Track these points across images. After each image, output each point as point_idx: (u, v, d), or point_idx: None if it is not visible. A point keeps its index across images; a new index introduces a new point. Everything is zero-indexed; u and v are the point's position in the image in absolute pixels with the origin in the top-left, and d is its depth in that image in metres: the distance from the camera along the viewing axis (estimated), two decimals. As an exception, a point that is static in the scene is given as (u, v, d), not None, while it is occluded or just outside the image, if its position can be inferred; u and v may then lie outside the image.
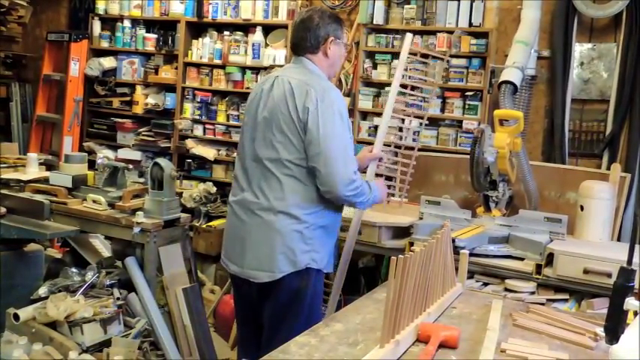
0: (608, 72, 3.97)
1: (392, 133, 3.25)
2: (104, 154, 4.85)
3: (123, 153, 5.47)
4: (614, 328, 1.60)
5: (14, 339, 2.94)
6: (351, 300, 2.31)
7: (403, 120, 3.30)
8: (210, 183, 4.91)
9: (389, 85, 4.43)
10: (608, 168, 3.67)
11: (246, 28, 5.11)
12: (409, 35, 3.26)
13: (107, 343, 2.98)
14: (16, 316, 2.98)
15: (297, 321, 2.47)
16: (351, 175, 2.43)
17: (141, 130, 5.51)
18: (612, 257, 2.77)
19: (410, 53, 3.22)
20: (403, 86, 3.23)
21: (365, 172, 2.96)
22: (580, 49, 4.05)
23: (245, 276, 2.54)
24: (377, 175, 3.05)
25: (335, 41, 2.61)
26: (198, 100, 5.23)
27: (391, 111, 3.11)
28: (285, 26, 4.87)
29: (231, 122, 5.08)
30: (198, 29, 5.36)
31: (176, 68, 5.34)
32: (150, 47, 5.48)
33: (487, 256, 3.06)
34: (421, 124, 3.38)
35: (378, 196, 2.64)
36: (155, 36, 5.44)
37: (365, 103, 4.54)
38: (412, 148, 3.24)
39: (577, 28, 4.01)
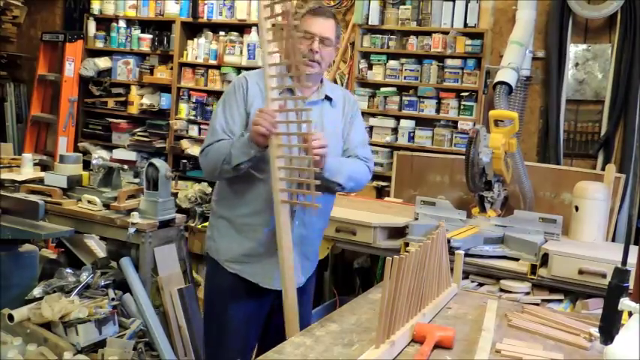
0: (603, 73, 3.98)
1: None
2: (99, 155, 4.83)
3: (118, 153, 5.46)
4: (609, 328, 1.60)
5: (9, 339, 2.93)
6: (347, 300, 2.30)
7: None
8: (206, 183, 4.90)
9: (385, 85, 4.48)
10: (603, 169, 3.68)
11: (242, 28, 5.10)
12: None
13: (102, 344, 2.97)
14: (11, 317, 2.97)
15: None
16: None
17: (136, 130, 5.50)
18: (607, 258, 2.78)
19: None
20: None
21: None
22: (575, 50, 4.06)
23: None
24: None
25: None
26: (194, 100, 5.22)
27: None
28: (281, 27, 4.85)
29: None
30: (193, 29, 5.35)
31: (171, 68, 5.34)
32: (145, 47, 5.47)
33: (482, 256, 3.07)
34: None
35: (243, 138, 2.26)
36: (150, 36, 5.44)
37: (360, 103, 4.53)
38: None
39: (572, 28, 4.02)
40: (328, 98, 2.49)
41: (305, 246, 2.48)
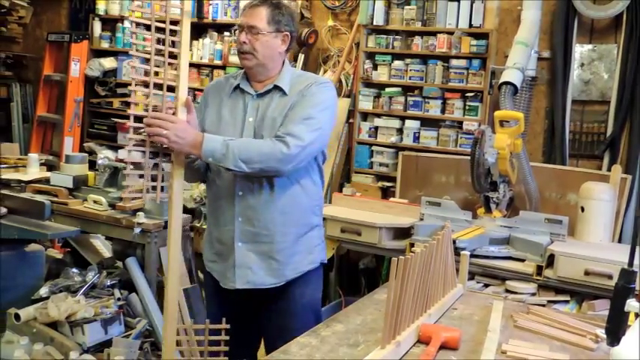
0: (609, 73, 3.97)
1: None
2: (105, 155, 4.83)
3: (123, 153, 5.46)
4: (615, 329, 1.60)
5: (15, 339, 2.94)
6: (352, 301, 2.30)
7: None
8: (211, 183, 4.91)
9: (389, 85, 4.47)
10: (609, 169, 3.67)
11: (247, 28, 5.10)
12: None
13: (108, 344, 2.98)
14: (17, 316, 2.98)
15: None
16: None
17: (141, 130, 5.50)
18: (613, 259, 2.77)
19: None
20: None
21: None
22: (580, 50, 4.05)
23: None
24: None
25: None
26: (199, 100, 5.22)
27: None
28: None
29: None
30: (198, 30, 5.35)
31: (176, 69, 5.33)
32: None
33: (488, 257, 3.06)
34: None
35: None
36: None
37: (365, 104, 4.54)
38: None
39: (577, 29, 4.01)
40: (279, 89, 2.36)
41: (260, 245, 2.32)
